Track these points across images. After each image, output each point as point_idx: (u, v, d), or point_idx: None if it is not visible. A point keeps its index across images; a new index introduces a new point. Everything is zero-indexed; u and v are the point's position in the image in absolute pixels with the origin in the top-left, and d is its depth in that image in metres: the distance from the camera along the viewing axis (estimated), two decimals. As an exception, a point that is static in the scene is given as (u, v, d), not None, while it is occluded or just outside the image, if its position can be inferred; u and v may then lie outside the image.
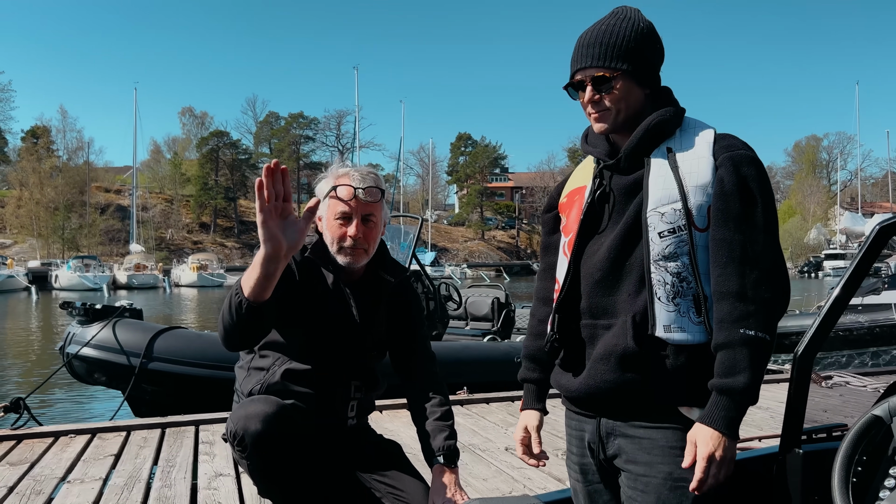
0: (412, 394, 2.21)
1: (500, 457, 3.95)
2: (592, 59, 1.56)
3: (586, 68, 1.57)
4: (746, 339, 1.41)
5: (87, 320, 6.15)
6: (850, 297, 1.70)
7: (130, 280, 44.56)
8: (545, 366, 1.76)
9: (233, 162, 78.72)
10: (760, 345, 1.42)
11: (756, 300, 1.43)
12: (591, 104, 1.58)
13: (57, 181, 62.78)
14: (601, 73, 1.55)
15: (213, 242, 71.20)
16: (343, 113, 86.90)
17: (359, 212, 2.06)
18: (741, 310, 1.42)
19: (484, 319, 8.67)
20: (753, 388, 1.41)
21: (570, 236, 1.65)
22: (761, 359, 1.42)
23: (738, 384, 1.41)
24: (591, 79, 1.56)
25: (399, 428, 4.48)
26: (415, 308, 2.29)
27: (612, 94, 1.56)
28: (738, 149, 1.51)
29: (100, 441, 4.29)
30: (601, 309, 1.57)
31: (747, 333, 1.41)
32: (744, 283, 1.43)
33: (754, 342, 1.41)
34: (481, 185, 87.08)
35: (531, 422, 1.78)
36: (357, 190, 2.05)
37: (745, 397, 1.42)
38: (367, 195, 2.06)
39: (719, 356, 1.44)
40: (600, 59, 1.55)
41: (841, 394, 6.11)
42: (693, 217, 1.48)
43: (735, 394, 1.42)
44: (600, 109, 1.57)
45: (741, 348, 1.41)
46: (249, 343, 1.94)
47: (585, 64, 1.57)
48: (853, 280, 1.69)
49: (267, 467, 1.95)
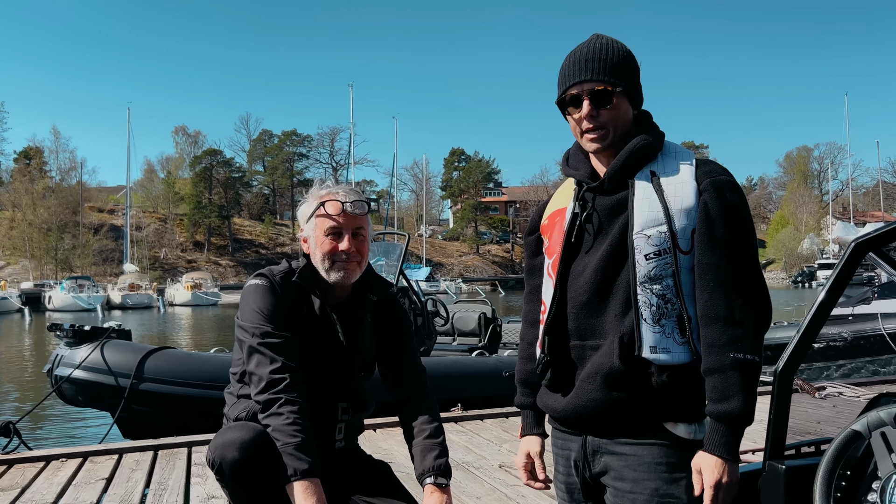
0: (403, 411, 2.21)
1: (493, 475, 3.94)
2: (592, 72, 1.55)
3: (584, 82, 1.55)
4: (737, 363, 1.44)
5: (74, 342, 6.13)
6: (828, 313, 1.71)
7: (125, 300, 44.32)
8: (539, 389, 1.77)
9: (226, 180, 78.73)
10: (751, 367, 1.45)
11: (744, 324, 1.46)
12: (587, 119, 1.56)
13: (50, 202, 62.67)
14: (602, 86, 1.54)
15: (208, 261, 70.99)
16: (336, 130, 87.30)
17: (349, 226, 2.07)
18: (730, 334, 1.46)
19: (471, 335, 8.68)
20: (748, 411, 1.45)
21: (553, 258, 1.66)
22: (753, 381, 1.46)
23: (734, 409, 1.44)
24: (590, 93, 1.55)
25: (393, 447, 4.47)
26: (404, 324, 2.29)
27: (610, 109, 1.56)
28: (720, 174, 1.54)
29: (91, 464, 4.27)
30: (589, 330, 1.58)
31: (738, 357, 1.44)
32: (731, 307, 1.47)
33: (745, 365, 1.45)
34: (475, 200, 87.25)
35: (533, 448, 1.78)
36: (345, 204, 2.06)
37: (741, 421, 1.46)
38: (355, 208, 2.07)
39: (711, 381, 1.47)
40: (600, 73, 1.54)
41: (834, 404, 6.13)
42: (677, 240, 1.51)
43: (732, 419, 1.45)
44: (598, 125, 1.56)
45: (733, 372, 1.44)
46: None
47: (583, 77, 1.55)
48: (830, 296, 1.71)
49: (248, 495, 1.93)
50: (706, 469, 1.45)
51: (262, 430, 1.93)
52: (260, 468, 1.90)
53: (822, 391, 6.50)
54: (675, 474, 1.53)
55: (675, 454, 1.53)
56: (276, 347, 1.96)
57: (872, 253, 1.70)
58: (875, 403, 1.68)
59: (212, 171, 77.51)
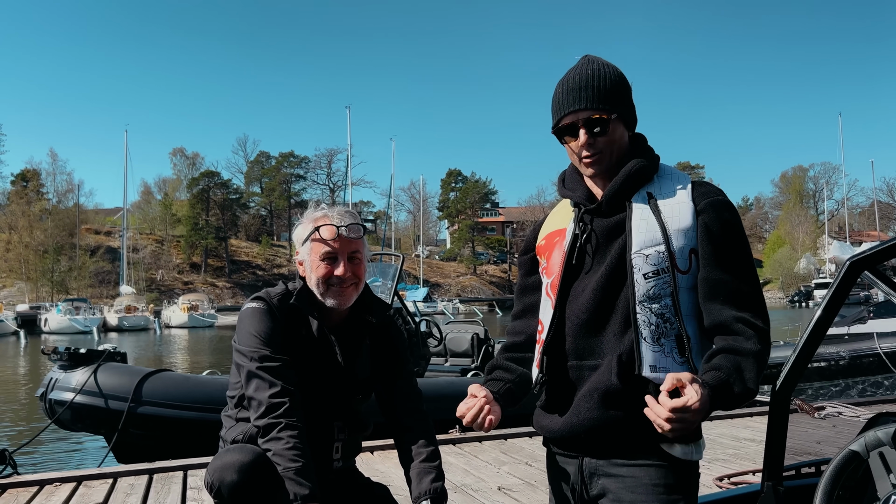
0: (399, 434, 2.20)
1: (492, 497, 3.91)
2: (587, 101, 1.57)
3: (579, 111, 1.57)
4: (753, 352, 1.47)
5: (70, 365, 6.07)
6: (824, 331, 1.72)
7: (121, 322, 44.15)
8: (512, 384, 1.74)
9: (223, 202, 78.89)
10: (763, 359, 1.48)
11: (756, 327, 1.50)
12: (585, 147, 1.58)
13: (46, 224, 62.63)
14: (598, 115, 1.56)
15: (204, 283, 70.86)
16: (334, 151, 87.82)
17: (344, 251, 2.06)
18: (744, 332, 1.49)
19: (464, 355, 8.66)
20: (752, 393, 1.46)
21: (552, 278, 1.66)
22: (761, 370, 1.47)
23: (739, 388, 1.44)
24: (586, 122, 1.57)
25: (390, 469, 4.43)
26: (400, 346, 2.28)
27: (606, 136, 1.58)
28: (717, 195, 1.58)
29: (85, 489, 4.22)
30: (587, 350, 1.59)
31: (755, 347, 1.47)
32: (742, 314, 1.51)
33: (759, 355, 1.47)
34: (472, 221, 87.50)
35: (478, 391, 1.66)
36: (340, 228, 2.05)
37: (742, 398, 1.46)
38: (350, 232, 2.07)
39: (724, 357, 1.47)
40: (595, 102, 1.56)
41: (834, 424, 6.10)
42: (676, 259, 1.53)
43: (733, 392, 1.44)
44: (595, 152, 1.58)
45: (748, 358, 1.46)
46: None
47: (578, 107, 1.57)
48: (826, 315, 1.71)
49: None
50: (691, 389, 1.37)
51: (260, 453, 1.92)
52: (259, 491, 1.89)
53: (821, 411, 6.48)
54: (673, 496, 1.53)
55: (672, 475, 1.54)
56: (274, 371, 1.96)
57: (868, 271, 1.71)
58: (874, 423, 1.68)
59: (209, 192, 77.70)
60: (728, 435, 5.72)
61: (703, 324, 1.55)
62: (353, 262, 2.08)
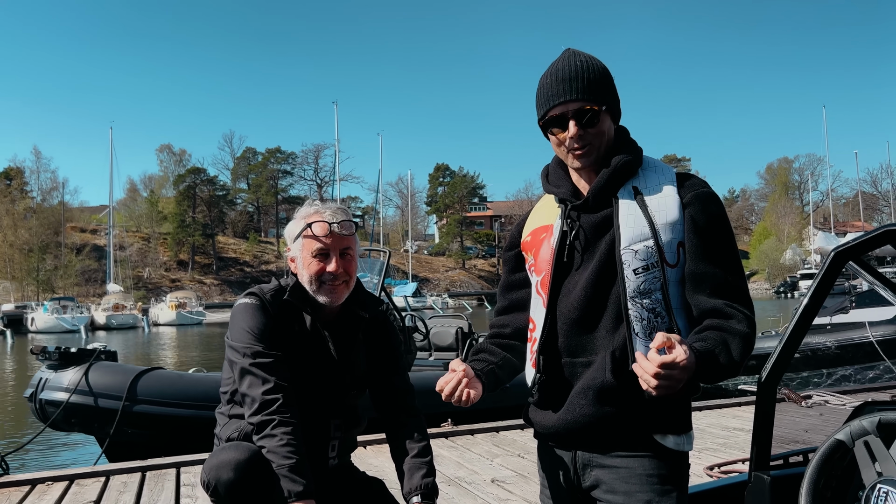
0: (391, 429, 2.21)
1: (486, 489, 3.94)
2: (577, 92, 1.54)
3: (569, 102, 1.54)
4: (741, 332, 1.49)
5: (60, 365, 6.02)
6: (810, 321, 1.74)
7: (109, 320, 43.83)
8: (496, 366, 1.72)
9: (210, 198, 78.39)
10: (749, 341, 1.49)
11: (744, 313, 1.51)
12: (575, 139, 1.56)
13: (31, 222, 62.04)
14: (589, 106, 1.55)
15: (192, 280, 70.45)
16: (321, 147, 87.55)
17: (336, 247, 2.06)
18: (734, 315, 1.50)
19: (448, 349, 8.67)
20: (737, 367, 1.47)
21: (542, 276, 1.66)
22: (747, 351, 1.49)
23: (725, 359, 1.45)
24: (576, 113, 1.55)
25: (384, 463, 4.45)
26: (394, 342, 2.30)
27: (596, 128, 1.57)
28: (702, 187, 1.59)
29: (78, 487, 4.21)
30: (580, 347, 1.60)
31: (742, 329, 1.49)
32: (730, 301, 1.52)
33: (746, 337, 1.49)
34: (460, 215, 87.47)
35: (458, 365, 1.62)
36: (332, 225, 2.06)
37: (726, 371, 1.46)
38: (342, 228, 2.07)
39: (712, 332, 1.48)
40: (584, 93, 1.55)
41: (821, 413, 6.18)
42: (664, 254, 1.53)
43: (718, 362, 1.44)
44: (585, 144, 1.57)
45: (735, 337, 1.48)
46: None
47: (567, 97, 1.54)
48: (812, 304, 1.74)
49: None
50: (680, 348, 1.35)
51: (256, 450, 1.93)
52: (255, 488, 1.90)
53: (808, 399, 6.56)
54: (666, 486, 1.55)
55: (665, 466, 1.56)
56: (267, 367, 1.96)
57: (852, 261, 1.73)
58: (859, 412, 1.70)
59: (195, 189, 77.18)
60: (717, 425, 5.78)
61: (692, 316, 1.56)
62: (344, 258, 2.08)
